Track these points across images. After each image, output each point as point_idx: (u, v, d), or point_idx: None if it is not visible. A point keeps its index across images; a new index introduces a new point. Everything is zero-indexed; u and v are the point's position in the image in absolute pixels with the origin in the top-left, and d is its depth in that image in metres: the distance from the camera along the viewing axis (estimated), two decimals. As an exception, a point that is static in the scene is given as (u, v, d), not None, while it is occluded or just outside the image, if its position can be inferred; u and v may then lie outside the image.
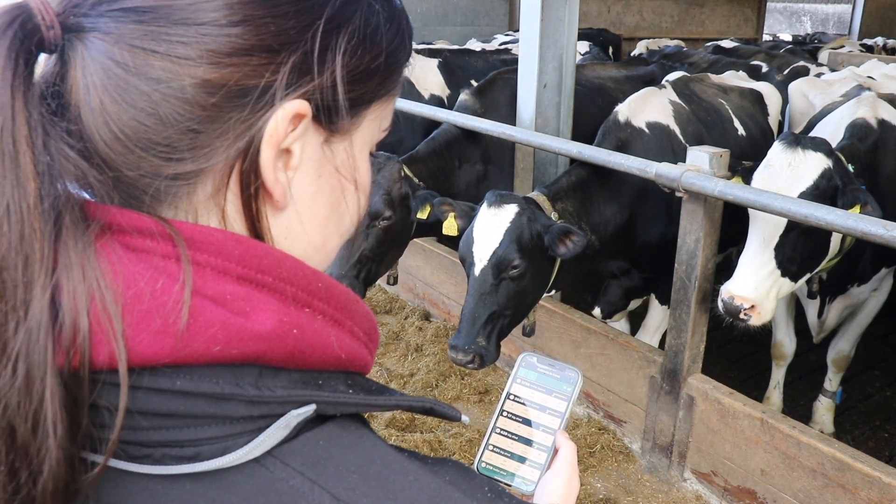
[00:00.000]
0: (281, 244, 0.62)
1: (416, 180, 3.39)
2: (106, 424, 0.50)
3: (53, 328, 0.48)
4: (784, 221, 2.60)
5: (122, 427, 0.49)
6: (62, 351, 0.48)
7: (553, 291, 3.28)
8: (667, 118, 3.51)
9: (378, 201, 3.11)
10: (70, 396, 0.48)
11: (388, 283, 3.74)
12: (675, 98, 3.68)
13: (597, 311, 3.68)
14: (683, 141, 3.45)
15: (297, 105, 0.56)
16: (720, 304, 2.65)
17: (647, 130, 3.43)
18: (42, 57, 0.53)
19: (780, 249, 2.63)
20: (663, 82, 3.92)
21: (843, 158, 2.71)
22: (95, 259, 0.50)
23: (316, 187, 0.62)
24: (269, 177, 0.57)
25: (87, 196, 0.54)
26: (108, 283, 0.49)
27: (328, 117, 0.60)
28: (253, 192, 0.58)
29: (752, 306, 2.57)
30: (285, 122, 0.56)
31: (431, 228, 3.67)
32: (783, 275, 2.65)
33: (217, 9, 0.53)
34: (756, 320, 2.59)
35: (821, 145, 2.66)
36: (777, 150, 2.70)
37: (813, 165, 2.60)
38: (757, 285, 2.59)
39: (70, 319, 0.48)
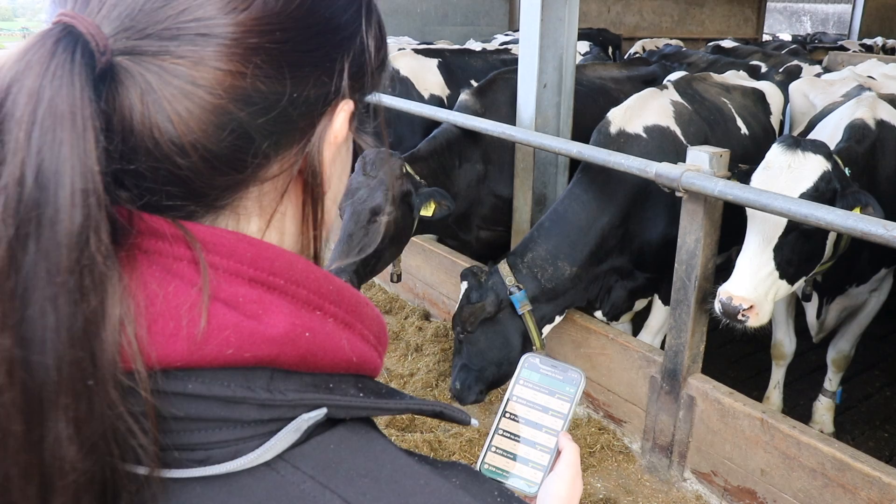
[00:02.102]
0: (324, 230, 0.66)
1: (417, 178, 3.39)
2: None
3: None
4: (783, 222, 2.59)
5: (156, 432, 0.49)
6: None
7: (558, 319, 3.48)
8: (667, 119, 3.50)
9: (379, 197, 3.12)
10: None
11: (391, 280, 3.75)
12: (678, 98, 3.67)
13: (599, 314, 3.67)
14: (685, 142, 3.44)
15: (351, 105, 0.61)
16: (717, 306, 2.64)
17: (644, 135, 3.42)
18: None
19: (779, 251, 2.62)
20: (665, 82, 3.91)
21: (839, 161, 2.71)
22: (121, 267, 0.50)
23: (333, 171, 0.65)
24: (328, 172, 0.62)
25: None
26: (127, 289, 0.49)
27: (358, 110, 0.65)
28: (314, 188, 0.61)
29: (751, 307, 2.56)
30: (346, 121, 0.61)
31: (432, 226, 3.68)
32: (781, 276, 2.64)
33: (287, 28, 0.55)
34: (754, 321, 2.58)
35: (820, 147, 2.65)
36: (776, 152, 2.69)
37: (812, 168, 2.60)
38: (756, 286, 2.58)
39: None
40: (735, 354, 4.53)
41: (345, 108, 0.61)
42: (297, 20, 0.55)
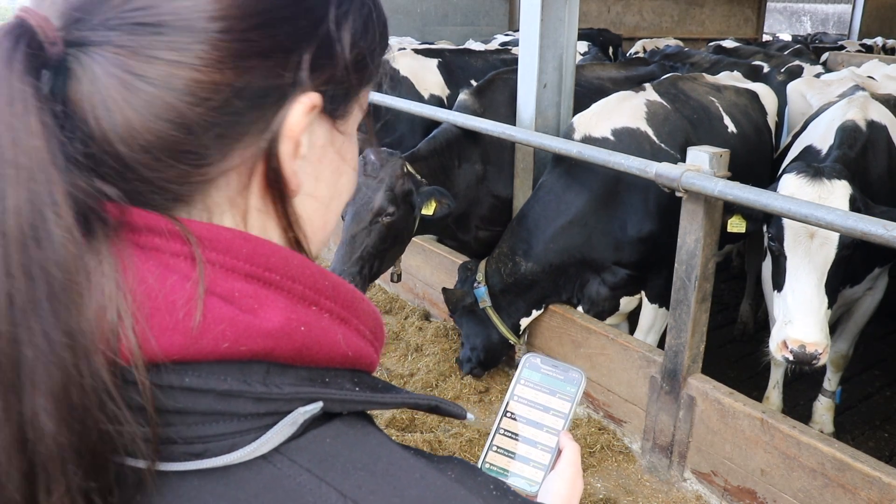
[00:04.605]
0: (304, 230, 0.64)
1: (418, 177, 3.39)
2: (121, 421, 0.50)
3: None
4: (832, 258, 2.62)
5: (155, 425, 0.50)
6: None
7: (535, 313, 3.69)
8: (637, 121, 3.49)
9: (381, 197, 3.12)
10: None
11: (391, 280, 3.75)
12: (655, 98, 3.67)
13: (579, 310, 3.68)
14: (658, 141, 3.46)
15: (311, 98, 0.58)
16: (786, 355, 2.61)
17: (612, 137, 3.43)
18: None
19: (827, 286, 2.65)
20: (644, 84, 3.91)
21: None
22: (111, 257, 0.50)
23: (318, 172, 0.64)
24: (288, 169, 0.59)
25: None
26: (120, 280, 0.50)
27: (333, 106, 0.62)
28: (280, 185, 0.60)
29: (824, 348, 2.59)
30: (303, 115, 0.58)
31: (431, 227, 3.69)
32: (829, 306, 2.68)
33: (231, 16, 0.54)
34: (825, 359, 2.60)
35: (840, 172, 2.69)
36: (799, 184, 2.68)
37: (842, 195, 2.62)
38: (822, 327, 2.60)
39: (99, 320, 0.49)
40: (735, 354, 4.53)
41: (303, 101, 0.58)
42: (242, 8, 0.54)
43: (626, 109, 3.54)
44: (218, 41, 0.53)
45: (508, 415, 0.89)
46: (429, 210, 3.26)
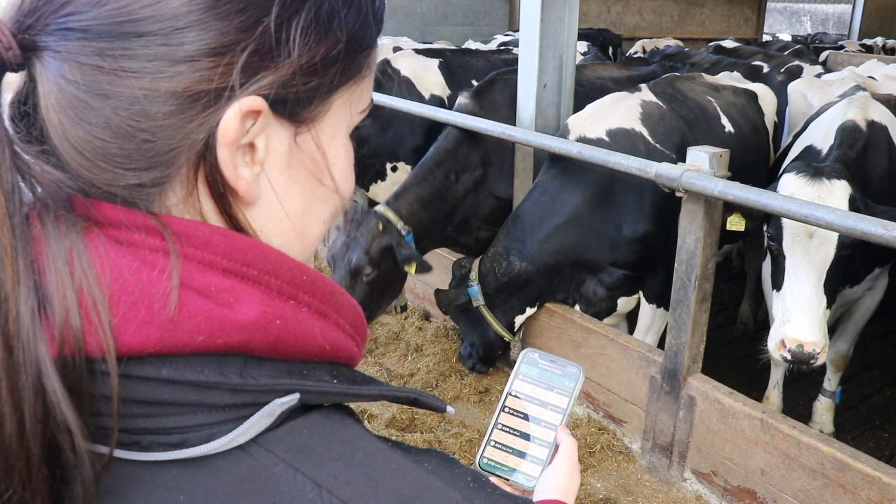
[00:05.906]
0: (258, 237, 0.62)
1: (399, 225, 3.40)
2: (96, 412, 0.51)
3: (43, 327, 0.49)
4: (831, 257, 2.62)
5: (118, 415, 0.50)
6: (55, 345, 0.49)
7: (529, 311, 3.68)
8: (631, 121, 3.49)
9: (359, 259, 3.20)
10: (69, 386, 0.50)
11: (395, 312, 3.79)
12: (651, 98, 3.66)
13: (577, 309, 3.68)
14: (653, 141, 3.46)
15: (248, 102, 0.56)
16: (783, 354, 2.61)
17: (607, 138, 3.43)
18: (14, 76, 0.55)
19: (826, 285, 2.65)
20: (639, 84, 3.90)
21: None
22: (85, 252, 0.51)
23: (286, 178, 0.62)
24: (229, 175, 0.58)
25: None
26: (96, 274, 0.51)
27: (290, 110, 0.59)
28: (222, 190, 0.58)
29: (822, 347, 2.58)
30: (236, 120, 0.56)
31: (431, 242, 3.73)
32: (828, 306, 2.68)
33: (158, 20, 0.53)
34: (823, 359, 2.60)
35: (840, 171, 2.69)
36: (799, 184, 2.68)
37: (842, 195, 2.62)
38: (821, 326, 2.60)
39: (61, 315, 0.49)
40: (735, 354, 4.53)
41: (234, 107, 0.55)
42: (163, 11, 0.53)
43: (620, 110, 3.53)
44: (140, 46, 0.53)
45: (506, 410, 0.89)
46: (411, 269, 3.31)
